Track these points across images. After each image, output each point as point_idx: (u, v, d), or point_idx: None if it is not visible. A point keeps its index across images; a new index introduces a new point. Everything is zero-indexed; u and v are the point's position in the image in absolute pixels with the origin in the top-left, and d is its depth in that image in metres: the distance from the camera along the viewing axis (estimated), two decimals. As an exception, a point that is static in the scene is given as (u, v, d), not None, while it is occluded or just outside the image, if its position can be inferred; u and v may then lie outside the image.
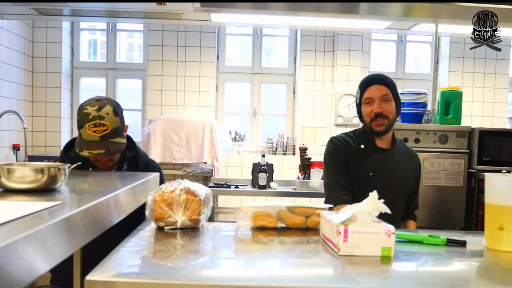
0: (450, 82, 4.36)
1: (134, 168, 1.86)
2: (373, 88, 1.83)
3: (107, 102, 1.70)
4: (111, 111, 1.67)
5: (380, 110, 1.80)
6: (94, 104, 1.67)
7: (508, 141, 2.80)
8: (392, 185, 1.83)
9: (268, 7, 3.13)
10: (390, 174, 1.86)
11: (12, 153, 3.84)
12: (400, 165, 1.90)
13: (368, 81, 1.87)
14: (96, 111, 1.64)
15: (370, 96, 1.83)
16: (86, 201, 0.86)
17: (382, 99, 1.82)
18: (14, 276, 0.55)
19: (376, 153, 1.88)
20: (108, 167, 1.78)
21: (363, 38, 4.30)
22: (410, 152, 2.00)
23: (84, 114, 1.65)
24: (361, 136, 1.92)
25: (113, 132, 1.67)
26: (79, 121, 1.67)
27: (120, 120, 1.71)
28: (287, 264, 0.97)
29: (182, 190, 1.18)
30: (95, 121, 1.63)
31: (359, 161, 1.86)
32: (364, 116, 1.87)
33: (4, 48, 3.75)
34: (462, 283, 0.87)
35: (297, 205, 1.28)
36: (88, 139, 1.64)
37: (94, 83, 4.64)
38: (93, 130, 1.63)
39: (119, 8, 3.47)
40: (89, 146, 1.64)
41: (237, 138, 4.38)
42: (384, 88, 1.83)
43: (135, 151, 1.90)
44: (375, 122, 1.82)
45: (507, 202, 1.09)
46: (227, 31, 4.55)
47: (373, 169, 1.84)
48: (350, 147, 1.89)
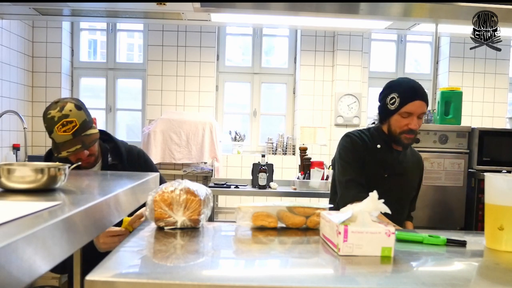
0: (450, 82, 4.36)
1: (119, 158, 1.88)
2: (417, 104, 1.75)
3: (67, 100, 1.72)
4: (73, 107, 1.69)
5: (416, 127, 1.77)
6: (54, 106, 1.69)
7: (508, 141, 2.80)
8: (403, 188, 1.83)
9: (268, 7, 3.13)
10: (402, 177, 1.85)
11: (12, 153, 3.84)
12: (409, 168, 1.90)
13: (414, 94, 1.77)
14: (59, 111, 1.66)
15: (412, 111, 1.76)
16: (86, 201, 0.86)
17: (421, 116, 1.78)
18: (14, 276, 0.55)
19: (391, 154, 1.85)
20: (91, 162, 1.79)
21: (363, 38, 4.30)
22: (417, 156, 1.99)
23: (49, 119, 1.67)
24: (377, 135, 1.87)
25: (82, 125, 1.69)
26: (47, 128, 1.68)
27: (85, 113, 1.73)
28: (287, 264, 0.97)
29: (182, 190, 1.18)
30: (61, 121, 1.65)
31: (375, 160, 1.82)
32: (395, 126, 1.80)
33: (4, 48, 3.75)
34: (462, 283, 0.87)
35: (297, 205, 1.28)
36: (62, 140, 1.67)
37: (94, 83, 4.64)
38: (63, 130, 1.65)
39: (119, 8, 3.47)
40: (65, 146, 1.66)
41: (237, 138, 4.38)
42: (425, 106, 1.78)
43: (113, 141, 1.92)
44: (406, 135, 1.78)
45: (507, 202, 1.09)
46: (227, 31, 4.55)
47: (388, 170, 1.82)
48: (367, 145, 1.85)
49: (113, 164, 1.86)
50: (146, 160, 1.98)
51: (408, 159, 1.90)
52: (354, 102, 4.24)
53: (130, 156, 1.92)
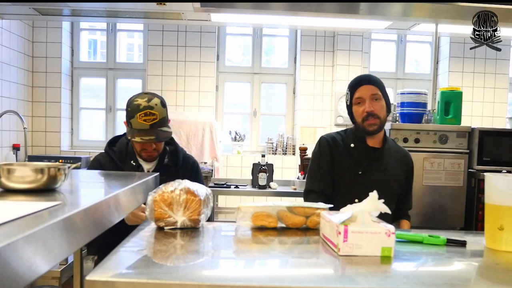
0: (450, 82, 4.36)
1: (174, 162, 2.01)
2: (363, 88, 1.84)
3: (155, 95, 1.89)
4: (159, 102, 1.86)
5: (371, 109, 1.82)
6: (143, 96, 1.85)
7: (508, 141, 2.80)
8: (382, 184, 1.83)
9: (268, 7, 3.13)
10: (380, 173, 1.87)
11: (12, 153, 3.84)
12: (391, 164, 1.91)
13: (358, 81, 1.88)
14: (146, 102, 1.82)
15: (361, 96, 1.84)
16: (86, 201, 0.86)
17: (373, 98, 1.83)
18: (14, 276, 0.55)
19: (366, 152, 1.89)
20: (152, 157, 1.93)
21: (363, 38, 4.30)
22: (403, 152, 2.00)
23: (135, 105, 1.83)
24: (352, 135, 1.93)
25: (161, 121, 1.85)
26: (130, 112, 1.84)
27: (166, 112, 1.90)
28: (287, 264, 0.97)
29: (182, 190, 1.18)
30: (145, 110, 1.81)
31: (348, 160, 1.88)
32: (356, 117, 1.88)
33: (4, 48, 3.75)
34: (462, 283, 0.87)
35: (297, 205, 1.28)
36: (139, 128, 1.82)
37: (94, 83, 4.64)
38: (143, 119, 1.81)
39: (119, 8, 3.47)
40: (140, 133, 1.81)
41: (237, 138, 4.38)
42: (374, 88, 1.84)
43: (174, 145, 2.06)
44: (367, 121, 1.83)
45: (507, 202, 1.09)
46: (227, 31, 4.55)
47: (363, 168, 1.85)
48: (338, 146, 1.91)
49: (167, 165, 1.99)
50: (198, 172, 2.12)
51: (390, 156, 1.92)
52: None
53: (185, 162, 2.06)
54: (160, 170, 1.91)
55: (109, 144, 2.02)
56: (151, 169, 1.98)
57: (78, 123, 4.54)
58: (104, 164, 1.96)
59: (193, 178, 1.96)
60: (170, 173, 1.87)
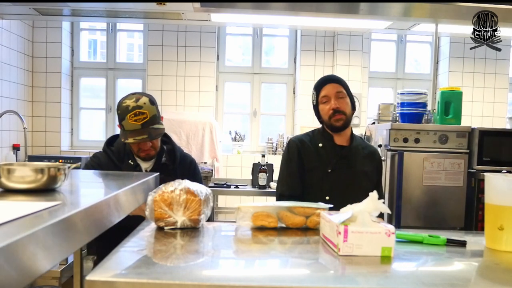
0: (450, 82, 4.36)
1: (172, 160, 2.02)
2: (328, 87, 1.94)
3: (143, 94, 1.90)
4: (148, 101, 1.86)
5: (337, 106, 1.90)
6: (131, 97, 1.86)
7: (508, 141, 2.80)
8: (352, 180, 1.91)
9: (268, 7, 3.13)
10: (349, 170, 1.93)
11: (12, 153, 3.84)
12: (359, 161, 1.96)
13: (323, 81, 1.99)
14: (134, 102, 1.83)
15: (326, 94, 1.93)
16: (86, 201, 0.86)
17: (337, 96, 1.92)
18: (14, 276, 0.55)
19: (334, 150, 1.95)
20: (151, 155, 1.94)
21: (363, 38, 4.30)
22: (371, 149, 2.07)
23: (124, 107, 1.83)
24: (320, 135, 2.01)
25: (152, 119, 1.85)
26: (120, 114, 1.85)
27: (156, 109, 1.89)
28: (287, 264, 0.97)
29: (182, 190, 1.19)
30: (134, 111, 1.81)
31: (316, 159, 1.94)
32: (323, 115, 1.96)
33: (4, 48, 3.75)
34: (462, 283, 0.87)
35: (297, 205, 1.28)
36: (131, 129, 1.82)
37: (94, 83, 4.64)
38: (134, 119, 1.81)
39: (119, 8, 3.47)
40: (133, 134, 1.81)
41: (237, 138, 4.38)
42: (338, 86, 1.94)
43: (171, 144, 2.07)
44: (334, 118, 1.91)
45: (507, 202, 1.09)
46: (227, 31, 4.55)
47: (331, 166, 1.91)
48: (306, 147, 1.98)
49: (165, 164, 1.99)
50: (195, 170, 2.12)
51: (358, 153, 1.98)
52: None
53: (182, 161, 2.06)
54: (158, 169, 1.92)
55: (107, 144, 2.02)
56: (149, 168, 1.98)
57: (78, 123, 4.54)
58: (103, 162, 1.97)
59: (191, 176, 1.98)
60: (168, 172, 1.88)
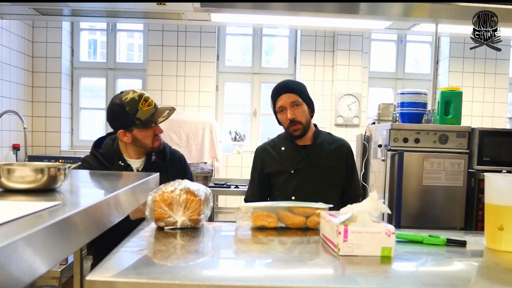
0: (450, 82, 4.36)
1: (162, 158, 2.02)
2: (283, 97, 1.98)
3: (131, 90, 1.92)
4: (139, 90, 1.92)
5: (293, 117, 1.95)
6: (127, 92, 1.88)
7: (508, 141, 2.80)
8: (317, 177, 1.95)
9: (268, 7, 3.13)
10: (314, 168, 1.98)
11: (12, 153, 3.84)
12: (325, 157, 2.01)
13: (277, 91, 2.01)
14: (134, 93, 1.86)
15: (282, 105, 1.98)
16: (86, 201, 0.86)
17: (293, 105, 1.97)
18: (14, 276, 0.55)
19: (297, 151, 2.01)
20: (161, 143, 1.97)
21: (363, 38, 4.30)
22: (339, 143, 2.10)
23: (130, 100, 1.84)
24: (283, 139, 2.09)
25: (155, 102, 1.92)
26: (130, 109, 1.84)
27: None
28: (287, 264, 0.97)
29: (182, 190, 1.19)
30: (142, 98, 1.85)
31: (278, 163, 2.01)
32: (282, 123, 2.03)
33: (4, 48, 3.75)
34: (462, 283, 0.87)
35: (297, 205, 1.29)
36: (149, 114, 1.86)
37: (94, 83, 4.64)
38: (147, 105, 1.86)
39: (119, 8, 3.47)
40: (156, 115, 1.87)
41: (237, 138, 4.38)
42: (293, 95, 1.98)
43: None
44: (291, 128, 1.98)
45: (507, 202, 1.09)
46: (227, 31, 4.55)
47: (294, 167, 1.97)
48: (268, 154, 2.05)
49: (155, 162, 2.00)
50: (185, 166, 2.13)
51: (323, 149, 2.03)
52: (354, 102, 4.24)
53: (172, 158, 2.07)
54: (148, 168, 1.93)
55: (95, 146, 2.02)
56: (140, 167, 1.98)
57: (78, 123, 4.54)
58: (93, 166, 1.93)
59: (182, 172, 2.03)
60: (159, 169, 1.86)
